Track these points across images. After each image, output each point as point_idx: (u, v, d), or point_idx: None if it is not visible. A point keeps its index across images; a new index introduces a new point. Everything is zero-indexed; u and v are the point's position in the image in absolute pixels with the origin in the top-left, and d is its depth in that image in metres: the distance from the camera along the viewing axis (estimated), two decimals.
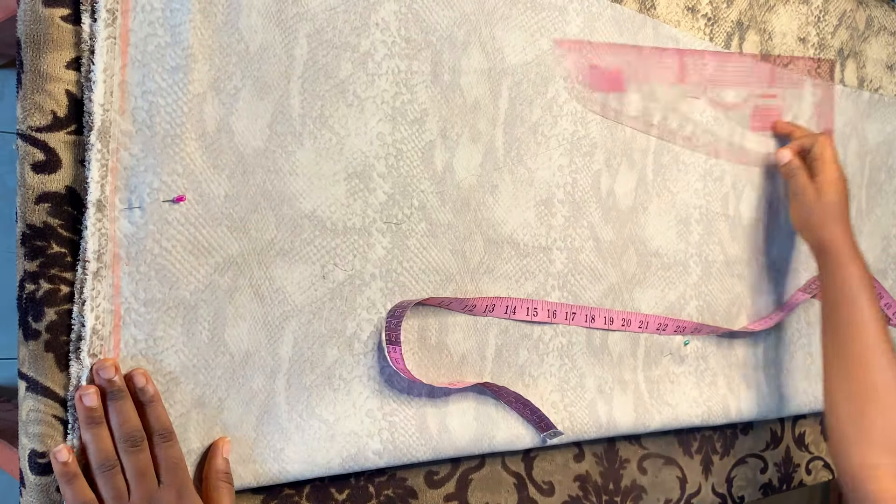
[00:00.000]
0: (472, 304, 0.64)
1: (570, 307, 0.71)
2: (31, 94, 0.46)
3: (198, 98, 0.51)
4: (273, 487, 0.57)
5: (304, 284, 0.57)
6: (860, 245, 0.79)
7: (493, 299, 0.66)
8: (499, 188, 0.67)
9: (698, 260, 0.83)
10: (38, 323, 0.47)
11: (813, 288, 0.92)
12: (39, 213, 0.47)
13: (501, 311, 0.66)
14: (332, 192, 0.57)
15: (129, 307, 0.49)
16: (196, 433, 0.52)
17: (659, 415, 0.78)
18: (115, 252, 0.48)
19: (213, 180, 0.52)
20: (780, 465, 0.94)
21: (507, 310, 0.66)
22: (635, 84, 0.74)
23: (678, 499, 0.83)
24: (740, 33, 0.86)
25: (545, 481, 0.72)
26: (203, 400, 0.52)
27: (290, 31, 0.55)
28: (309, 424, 0.57)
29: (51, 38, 0.46)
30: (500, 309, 0.66)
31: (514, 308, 0.67)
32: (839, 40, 0.97)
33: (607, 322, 0.74)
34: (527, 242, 0.69)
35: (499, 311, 0.66)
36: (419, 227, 0.62)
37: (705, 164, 0.83)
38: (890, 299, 0.95)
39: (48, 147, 0.47)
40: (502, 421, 0.67)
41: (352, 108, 0.58)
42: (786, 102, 0.89)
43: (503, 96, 0.67)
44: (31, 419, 0.47)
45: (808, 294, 0.92)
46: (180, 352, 0.51)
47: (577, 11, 0.71)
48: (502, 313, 0.66)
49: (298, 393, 0.57)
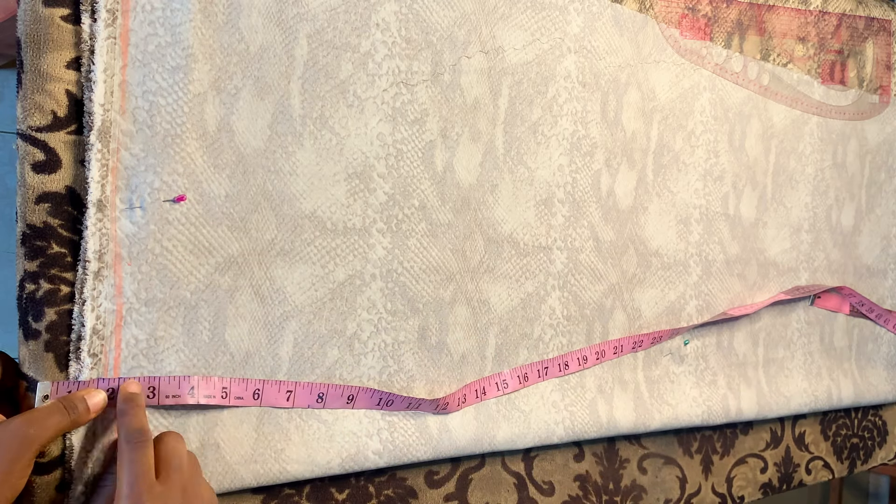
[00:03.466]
0: (443, 402, 0.63)
1: (540, 364, 0.70)
2: (31, 94, 0.46)
3: (198, 98, 0.51)
4: (273, 487, 0.57)
5: (305, 284, 0.57)
6: (860, 245, 0.80)
7: (463, 390, 0.64)
8: (499, 188, 0.67)
9: (698, 260, 0.83)
10: (38, 323, 0.47)
11: (803, 290, 0.92)
12: (39, 213, 0.47)
13: (473, 397, 0.65)
14: (332, 192, 0.57)
15: (131, 307, 0.49)
16: (196, 433, 0.52)
17: (659, 414, 0.78)
18: (117, 252, 0.48)
19: (213, 180, 0.52)
20: (780, 465, 0.94)
21: (476, 394, 0.66)
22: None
23: (678, 499, 0.83)
24: (740, 33, 0.86)
25: (545, 481, 0.72)
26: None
27: (290, 31, 0.55)
28: (308, 424, 0.57)
29: (51, 38, 0.46)
30: (472, 396, 0.65)
31: (483, 389, 0.66)
32: (839, 40, 0.97)
33: (581, 363, 0.73)
34: (527, 242, 0.69)
35: (470, 398, 0.65)
36: (419, 226, 0.62)
37: (705, 164, 0.83)
38: (862, 298, 0.96)
39: (48, 147, 0.47)
40: (503, 420, 0.67)
41: (352, 108, 0.58)
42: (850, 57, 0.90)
43: (503, 96, 0.67)
44: None
45: (800, 294, 0.92)
46: (181, 351, 0.51)
47: (577, 11, 0.71)
48: (473, 398, 0.65)
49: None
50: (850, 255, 1.01)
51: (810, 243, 0.95)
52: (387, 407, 0.60)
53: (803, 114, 0.93)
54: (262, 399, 0.55)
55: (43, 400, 0.46)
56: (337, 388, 0.58)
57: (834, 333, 1.00)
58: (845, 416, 1.03)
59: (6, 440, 0.42)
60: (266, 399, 0.55)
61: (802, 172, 0.94)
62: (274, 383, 0.55)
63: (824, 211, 0.97)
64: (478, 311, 0.66)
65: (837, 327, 1.00)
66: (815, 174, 0.95)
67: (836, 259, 0.99)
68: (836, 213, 0.99)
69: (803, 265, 0.94)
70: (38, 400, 0.46)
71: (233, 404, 0.53)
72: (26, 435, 0.43)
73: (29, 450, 0.42)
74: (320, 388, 0.57)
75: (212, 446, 0.52)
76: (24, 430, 0.43)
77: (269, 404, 0.55)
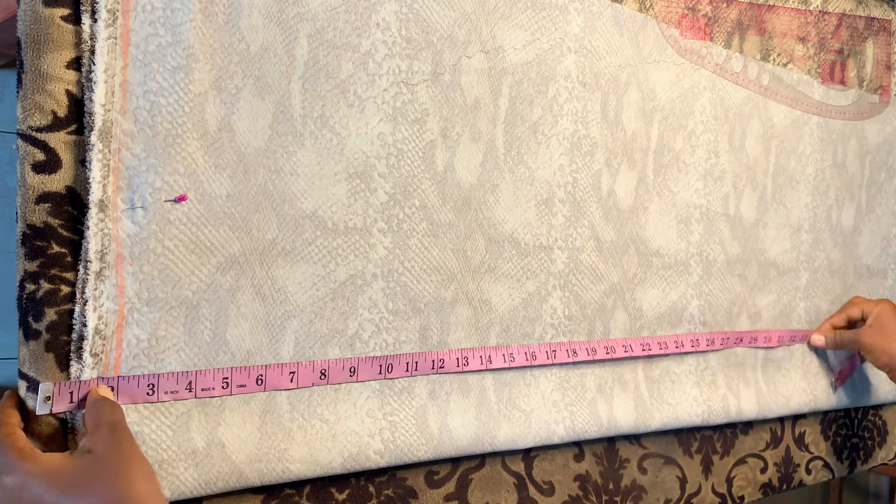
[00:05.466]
0: (440, 359, 0.63)
1: (548, 346, 0.70)
2: (32, 94, 0.46)
3: (199, 98, 0.51)
4: (273, 487, 0.57)
5: (306, 284, 0.57)
6: (860, 245, 0.80)
7: (465, 352, 0.65)
8: (499, 187, 0.67)
9: (699, 259, 0.83)
10: (39, 323, 0.47)
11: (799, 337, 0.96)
12: (40, 213, 0.47)
13: (477, 362, 0.66)
14: (333, 192, 0.57)
15: (133, 307, 0.49)
16: (199, 432, 0.52)
17: (659, 414, 0.78)
18: (119, 252, 0.48)
19: (214, 180, 0.52)
20: (780, 465, 0.94)
21: (482, 360, 0.66)
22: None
23: (678, 499, 0.83)
24: (740, 33, 0.86)
25: (545, 481, 0.72)
26: (205, 399, 0.52)
27: (291, 31, 0.55)
28: (311, 424, 0.57)
29: (51, 38, 0.46)
30: (475, 360, 0.65)
31: (489, 357, 0.66)
32: (839, 40, 0.97)
33: (590, 353, 0.73)
34: (528, 242, 0.69)
35: (473, 363, 0.65)
36: (420, 226, 0.62)
37: (706, 164, 0.83)
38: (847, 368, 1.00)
39: (48, 147, 0.47)
40: (504, 420, 0.67)
41: (353, 108, 0.58)
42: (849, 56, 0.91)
43: (504, 96, 0.66)
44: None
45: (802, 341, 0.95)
46: (182, 351, 0.51)
47: (577, 11, 0.71)
48: (477, 364, 0.66)
49: (300, 392, 0.57)
50: (851, 255, 1.01)
51: (810, 243, 0.95)
52: (388, 373, 0.60)
53: (803, 114, 0.93)
54: (266, 383, 0.55)
55: (45, 401, 0.46)
56: (338, 362, 0.58)
57: None
58: (845, 416, 1.03)
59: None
60: (270, 383, 0.55)
61: (802, 172, 0.94)
62: (276, 366, 0.55)
63: (824, 211, 0.97)
64: (479, 310, 0.66)
65: None
66: (816, 174, 0.95)
67: (837, 259, 0.99)
68: (836, 214, 0.99)
69: (803, 265, 0.94)
70: (39, 401, 0.46)
71: (235, 392, 0.53)
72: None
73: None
74: (322, 364, 0.57)
75: (217, 445, 0.52)
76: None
77: (273, 387, 0.55)
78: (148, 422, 0.50)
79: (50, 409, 0.46)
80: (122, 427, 0.46)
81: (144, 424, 0.50)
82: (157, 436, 0.50)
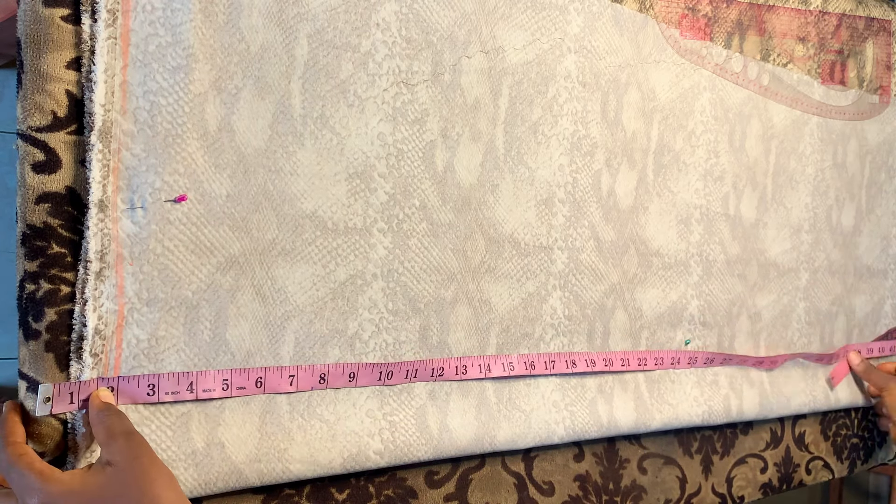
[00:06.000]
0: (439, 367, 0.63)
1: (547, 356, 0.70)
2: (32, 94, 0.46)
3: (199, 98, 0.51)
4: (273, 487, 0.57)
5: (306, 284, 0.57)
6: (860, 245, 0.80)
7: (464, 360, 0.65)
8: (499, 187, 0.67)
9: (699, 260, 0.83)
10: (39, 323, 0.47)
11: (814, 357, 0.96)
12: (39, 213, 0.47)
13: (475, 370, 0.66)
14: (333, 192, 0.57)
15: (133, 307, 0.49)
16: (198, 433, 0.52)
17: (660, 414, 0.78)
18: (119, 252, 0.48)
19: (214, 180, 0.52)
20: (780, 465, 0.94)
21: (480, 368, 0.66)
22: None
23: (678, 499, 0.83)
24: (740, 33, 0.86)
25: (545, 481, 0.72)
26: (204, 400, 0.52)
27: (290, 31, 0.55)
28: (311, 424, 0.57)
29: (51, 38, 0.46)
30: (474, 369, 0.65)
31: (488, 366, 0.66)
32: (839, 40, 0.97)
33: (589, 364, 0.73)
34: (528, 242, 0.69)
35: (472, 371, 0.65)
36: (420, 226, 0.62)
37: (705, 164, 0.83)
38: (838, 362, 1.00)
39: (48, 147, 0.47)
40: (504, 420, 0.67)
41: (353, 108, 0.58)
42: (849, 57, 0.92)
43: (504, 96, 0.66)
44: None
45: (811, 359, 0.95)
46: (182, 351, 0.51)
47: (577, 11, 0.71)
48: (476, 372, 0.66)
49: (300, 393, 0.57)
50: (851, 255, 1.01)
51: (810, 244, 0.95)
52: (388, 380, 0.60)
53: (803, 114, 0.93)
54: (266, 386, 0.55)
55: (45, 402, 0.46)
56: (338, 366, 0.58)
57: (834, 334, 1.00)
58: (845, 416, 1.03)
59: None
60: (269, 385, 0.55)
61: (802, 173, 0.94)
62: (276, 369, 0.55)
63: (824, 211, 0.97)
64: (479, 310, 0.66)
65: (837, 328, 1.00)
66: (816, 174, 0.95)
67: (837, 259, 0.99)
68: (836, 214, 0.99)
69: (803, 265, 0.94)
70: (39, 402, 0.46)
71: (235, 395, 0.53)
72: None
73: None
74: (322, 368, 0.57)
75: (217, 445, 0.52)
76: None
77: (273, 390, 0.55)
78: (148, 422, 0.50)
79: (50, 410, 0.46)
80: (136, 435, 0.46)
81: (144, 425, 0.50)
82: (156, 436, 0.50)
